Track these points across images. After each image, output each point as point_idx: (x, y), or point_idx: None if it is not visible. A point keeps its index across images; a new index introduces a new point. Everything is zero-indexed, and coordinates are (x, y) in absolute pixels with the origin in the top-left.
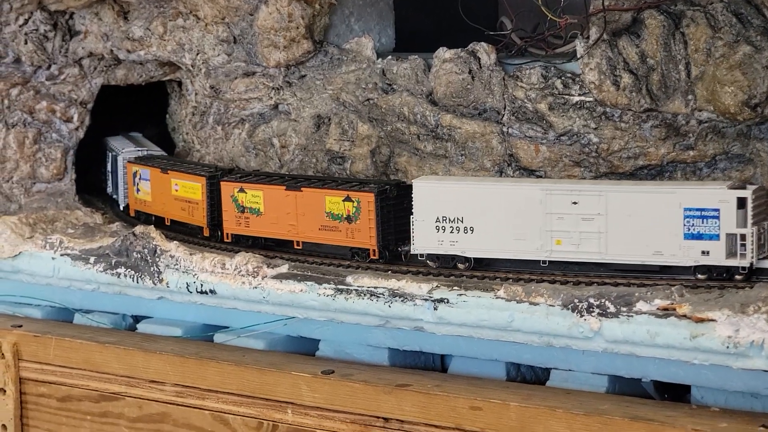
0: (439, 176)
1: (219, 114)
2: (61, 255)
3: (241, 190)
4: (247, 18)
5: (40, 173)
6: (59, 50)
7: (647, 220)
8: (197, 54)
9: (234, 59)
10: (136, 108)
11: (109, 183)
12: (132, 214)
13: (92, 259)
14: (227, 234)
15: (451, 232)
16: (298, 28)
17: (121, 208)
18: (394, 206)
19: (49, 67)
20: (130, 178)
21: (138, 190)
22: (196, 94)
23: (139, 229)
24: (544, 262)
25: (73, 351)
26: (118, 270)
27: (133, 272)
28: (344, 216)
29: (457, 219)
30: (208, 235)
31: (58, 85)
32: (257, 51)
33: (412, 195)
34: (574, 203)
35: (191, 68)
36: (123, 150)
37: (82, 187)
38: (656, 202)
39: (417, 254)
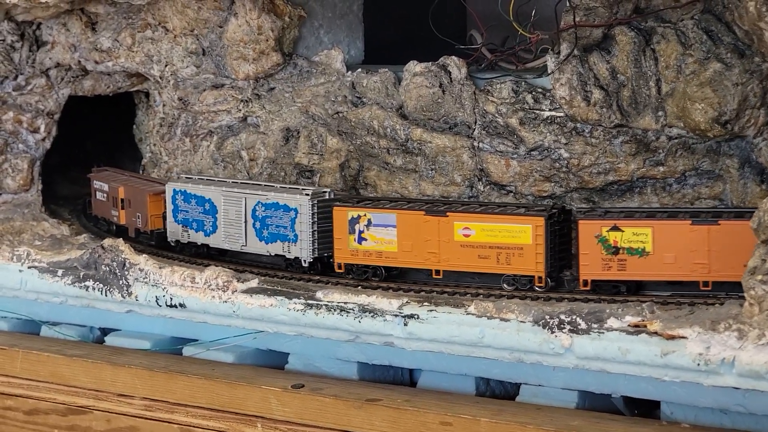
0: None
1: (187, 126)
2: (29, 267)
3: (615, 228)
4: (216, 30)
5: (7, 184)
6: (26, 61)
7: None
8: (166, 65)
9: (203, 71)
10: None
11: (243, 237)
12: (340, 269)
13: (60, 272)
14: (584, 281)
15: None
16: (267, 40)
17: (306, 263)
18: None
19: (16, 78)
20: (343, 225)
21: (361, 239)
22: (164, 105)
23: (107, 241)
24: None
25: (40, 364)
26: (87, 283)
27: (101, 285)
28: None
29: None
30: (543, 285)
31: (25, 96)
32: (226, 63)
33: None
34: None
35: (159, 80)
36: (303, 193)
37: (48, 198)
38: None
39: None
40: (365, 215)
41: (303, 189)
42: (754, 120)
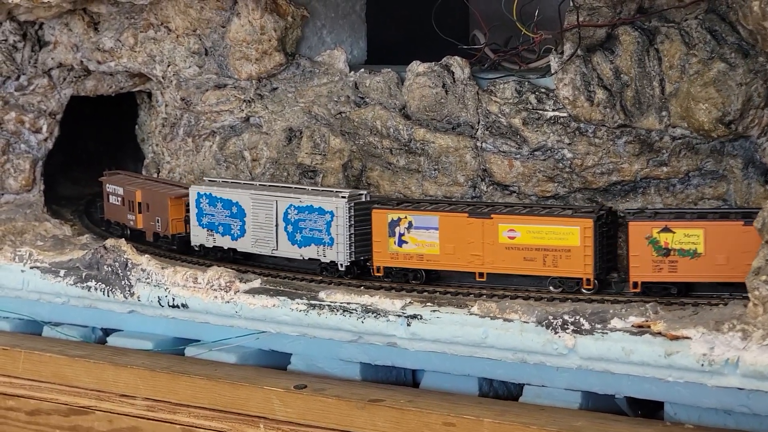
0: None
1: (189, 126)
2: (31, 268)
3: (666, 230)
4: (218, 30)
5: (9, 184)
6: (28, 61)
7: None
8: (168, 66)
9: (205, 71)
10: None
11: (275, 240)
12: (378, 273)
13: (62, 272)
14: (634, 283)
15: None
16: (270, 40)
17: (342, 267)
18: None
19: (18, 78)
20: (382, 228)
21: (402, 242)
22: (166, 105)
23: (109, 242)
24: None
25: (42, 364)
26: (89, 283)
27: (103, 285)
28: None
29: None
30: (591, 287)
31: (27, 96)
32: (229, 63)
33: None
34: None
35: (162, 80)
36: (339, 195)
37: (50, 198)
38: None
39: None
40: (406, 218)
41: (338, 191)
42: (758, 120)
